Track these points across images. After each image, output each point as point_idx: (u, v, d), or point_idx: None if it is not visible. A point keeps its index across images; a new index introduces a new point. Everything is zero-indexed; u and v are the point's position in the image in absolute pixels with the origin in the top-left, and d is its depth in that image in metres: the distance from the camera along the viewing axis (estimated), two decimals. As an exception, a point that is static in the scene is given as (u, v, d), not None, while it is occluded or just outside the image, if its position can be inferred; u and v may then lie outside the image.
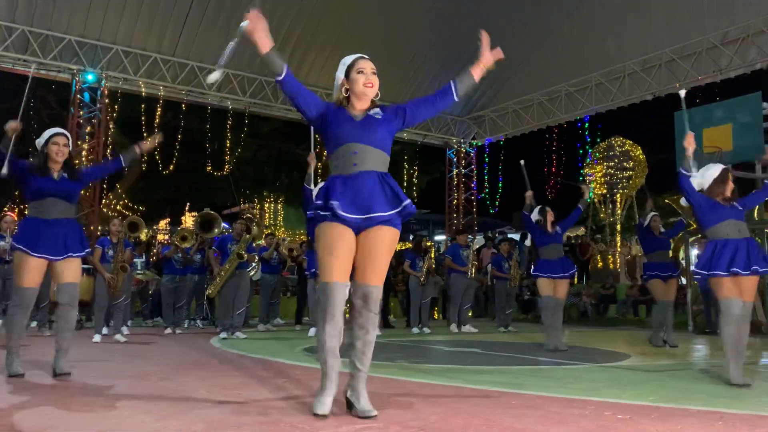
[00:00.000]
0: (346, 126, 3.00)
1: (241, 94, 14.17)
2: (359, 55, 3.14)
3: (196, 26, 13.01)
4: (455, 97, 3.05)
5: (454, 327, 10.06)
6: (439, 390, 3.84)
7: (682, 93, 5.10)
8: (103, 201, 15.65)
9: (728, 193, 4.46)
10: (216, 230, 9.50)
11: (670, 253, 7.99)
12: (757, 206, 9.11)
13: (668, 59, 13.34)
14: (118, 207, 17.17)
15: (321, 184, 3.25)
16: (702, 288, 10.01)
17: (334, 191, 2.94)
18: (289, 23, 13.48)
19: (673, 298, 7.41)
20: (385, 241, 2.95)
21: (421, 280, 9.87)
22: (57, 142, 4.37)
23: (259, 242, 10.30)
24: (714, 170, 4.54)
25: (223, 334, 7.93)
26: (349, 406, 2.96)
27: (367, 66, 3.07)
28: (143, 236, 10.33)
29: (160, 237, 18.21)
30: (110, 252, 7.73)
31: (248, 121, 15.08)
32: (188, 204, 22.14)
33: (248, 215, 8.63)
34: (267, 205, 22.78)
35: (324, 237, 2.96)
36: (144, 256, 10.92)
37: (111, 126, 13.74)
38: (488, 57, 3.15)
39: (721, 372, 4.46)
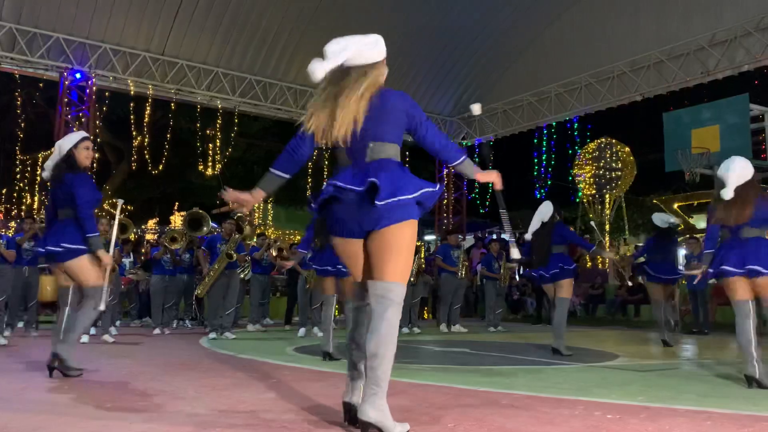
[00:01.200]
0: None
1: (231, 93, 14.12)
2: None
3: (185, 25, 12.95)
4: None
5: (443, 327, 10.08)
6: (429, 390, 3.84)
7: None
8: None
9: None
10: (204, 229, 9.46)
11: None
12: None
13: (657, 60, 13.42)
14: (105, 206, 17.05)
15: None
16: (690, 288, 10.07)
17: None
18: (278, 24, 13.45)
19: (665, 298, 7.46)
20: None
21: (411, 279, 9.87)
22: (88, 147, 4.34)
23: (250, 242, 10.26)
24: (749, 171, 4.33)
25: (213, 335, 7.90)
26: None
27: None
28: (131, 236, 10.25)
29: (148, 236, 18.10)
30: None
31: (238, 121, 15.03)
32: (177, 203, 22.05)
33: (239, 215, 8.57)
34: (256, 205, 22.69)
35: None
36: (132, 256, 10.86)
37: (99, 125, 13.66)
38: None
39: (708, 371, 4.49)
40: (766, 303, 4.19)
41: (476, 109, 3.44)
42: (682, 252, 12.46)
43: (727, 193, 4.20)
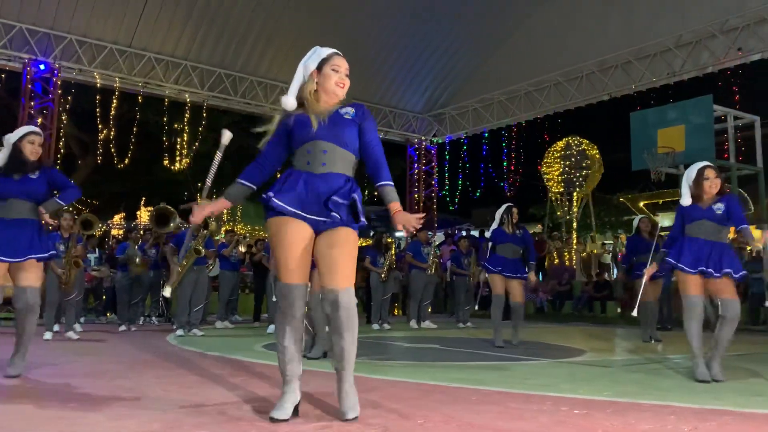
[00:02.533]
0: (314, 125, 2.89)
1: (200, 86, 13.95)
2: (335, 51, 3.04)
3: (153, 16, 12.74)
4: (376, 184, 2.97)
5: (413, 323, 10.12)
6: (399, 386, 3.85)
7: None
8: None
9: (711, 191, 4.33)
10: (172, 225, 9.32)
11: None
12: None
13: (624, 61, 13.64)
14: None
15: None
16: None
17: (293, 187, 2.86)
18: (249, 17, 13.32)
19: (655, 297, 7.68)
20: (345, 242, 2.85)
21: (382, 277, 9.88)
22: (33, 141, 4.22)
23: (218, 238, 10.15)
24: (693, 171, 4.43)
25: (180, 332, 7.80)
26: None
27: (343, 65, 2.99)
28: (96, 232, 10.08)
29: (114, 232, 17.80)
30: (61, 247, 7.49)
31: (206, 114, 14.85)
32: (143, 198, 21.71)
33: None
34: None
35: (280, 232, 2.86)
36: (97, 251, 10.67)
37: (64, 118, 13.37)
38: (403, 220, 2.89)
39: (672, 367, 4.58)
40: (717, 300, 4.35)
41: (225, 138, 3.48)
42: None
43: (684, 201, 4.38)
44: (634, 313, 5.55)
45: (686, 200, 4.40)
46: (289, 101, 2.96)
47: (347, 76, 3.01)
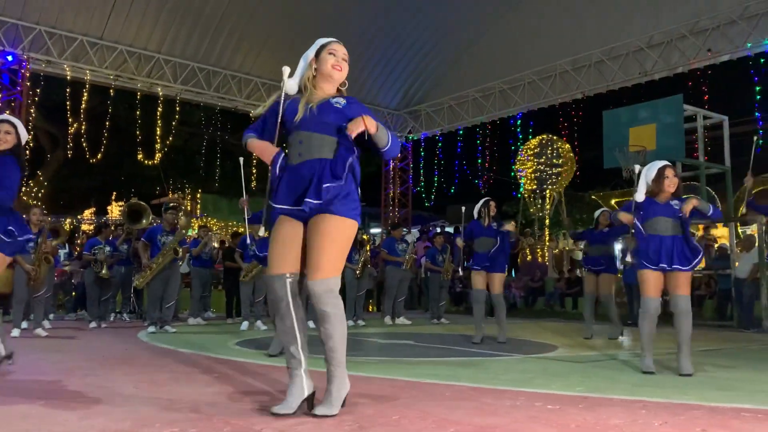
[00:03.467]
0: (299, 114, 2.91)
1: (173, 80, 13.76)
2: (335, 39, 3.06)
3: (125, 8, 12.52)
4: (386, 148, 2.97)
5: (388, 319, 10.13)
6: (374, 383, 3.85)
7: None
8: (24, 189, 14.91)
9: (669, 189, 4.50)
10: (144, 221, 9.20)
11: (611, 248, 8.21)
12: None
13: (597, 60, 13.80)
14: (40, 195, 16.39)
15: None
16: (626, 281, 10.42)
17: (277, 182, 2.91)
18: (224, 10, 13.17)
19: (608, 291, 7.63)
20: (323, 230, 2.82)
21: (357, 273, 9.87)
22: None
23: (191, 233, 10.05)
24: (653, 170, 4.59)
25: (152, 328, 7.71)
26: None
27: (340, 50, 3.01)
28: (66, 226, 9.91)
29: (84, 227, 17.51)
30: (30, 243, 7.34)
31: (179, 109, 14.67)
32: (114, 193, 21.40)
33: (173, 204, 8.36)
34: (199, 195, 22.26)
35: (272, 230, 2.94)
36: (67, 246, 10.49)
37: (32, 110, 13.10)
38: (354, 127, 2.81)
39: (637, 361, 4.65)
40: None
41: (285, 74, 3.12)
42: (618, 246, 12.88)
43: (639, 197, 4.54)
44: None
45: (641, 196, 4.55)
46: (291, 84, 2.99)
47: (345, 60, 3.02)
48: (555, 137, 17.85)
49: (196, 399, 3.19)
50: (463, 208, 7.29)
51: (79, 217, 19.24)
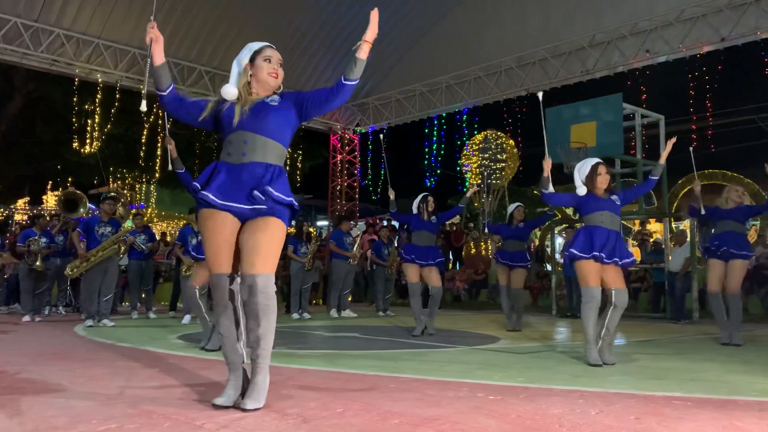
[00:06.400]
0: (236, 117, 2.90)
1: (113, 66, 13.34)
2: (268, 43, 3.05)
3: (63, -10, 12.07)
4: (349, 82, 2.95)
5: (334, 312, 10.12)
6: (318, 376, 3.84)
7: (540, 95, 5.34)
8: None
9: (602, 186, 4.69)
10: (81, 210, 8.90)
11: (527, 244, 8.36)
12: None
13: (541, 57, 14.08)
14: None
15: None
16: (565, 274, 10.69)
17: (217, 178, 2.87)
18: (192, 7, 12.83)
19: (520, 285, 7.74)
20: (267, 230, 2.84)
21: (306, 266, 9.80)
22: None
23: (127, 224, 9.74)
24: (586, 167, 4.77)
25: (89, 322, 7.48)
26: None
27: (275, 56, 3.01)
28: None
29: (17, 217, 16.82)
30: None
31: (120, 96, 14.23)
32: (50, 182, 20.61)
33: (112, 194, 8.13)
34: (138, 186, 21.66)
35: (208, 225, 2.88)
36: (-1, 238, 10.06)
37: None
38: (372, 34, 3.00)
39: (581, 353, 4.79)
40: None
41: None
42: (559, 241, 13.22)
43: (580, 191, 4.73)
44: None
45: (582, 190, 4.73)
46: (230, 90, 2.97)
47: (281, 66, 3.03)
48: (499, 133, 18.14)
49: (135, 394, 3.11)
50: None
51: (12, 207, 18.44)
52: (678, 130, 13.84)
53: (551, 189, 4.83)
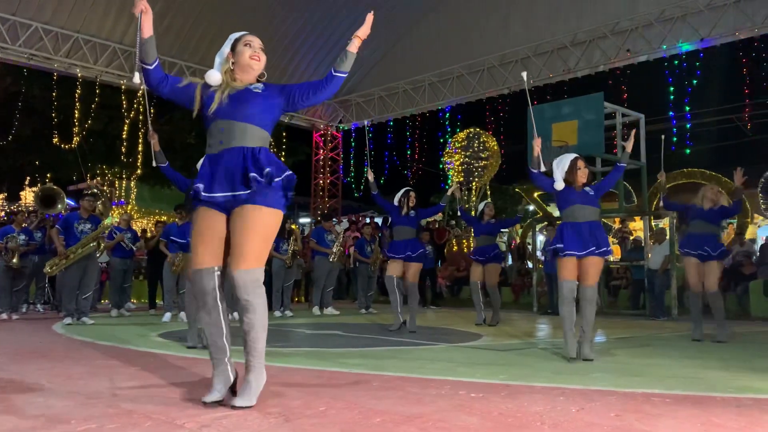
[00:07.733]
0: (214, 105, 2.89)
1: (92, 61, 13.17)
2: (247, 32, 3.06)
3: (41, -16, 11.89)
4: (339, 74, 2.96)
5: (316, 309, 10.10)
6: (301, 374, 3.83)
7: (524, 75, 5.37)
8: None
9: (581, 180, 4.76)
10: (59, 206, 8.78)
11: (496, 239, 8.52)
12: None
13: (524, 56, 14.15)
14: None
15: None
16: (546, 271, 10.76)
17: (201, 172, 2.86)
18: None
19: (493, 281, 7.91)
20: (248, 221, 2.79)
21: (287, 263, 9.77)
22: None
23: (107, 221, 9.63)
24: (565, 161, 4.84)
25: (68, 320, 7.39)
26: None
27: (255, 41, 3.01)
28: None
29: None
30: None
31: (99, 91, 14.06)
32: (28, 178, 20.30)
33: (93, 190, 8.03)
34: (118, 182, 21.41)
35: (194, 221, 2.89)
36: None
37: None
38: (365, 31, 3.05)
39: (561, 350, 4.83)
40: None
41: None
42: (540, 238, 13.30)
43: (558, 185, 4.77)
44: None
45: (560, 184, 4.78)
46: (214, 75, 2.97)
47: (262, 50, 3.02)
48: (482, 131, 18.20)
49: (115, 393, 3.08)
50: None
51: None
52: (657, 129, 14.02)
53: (541, 168, 4.85)
